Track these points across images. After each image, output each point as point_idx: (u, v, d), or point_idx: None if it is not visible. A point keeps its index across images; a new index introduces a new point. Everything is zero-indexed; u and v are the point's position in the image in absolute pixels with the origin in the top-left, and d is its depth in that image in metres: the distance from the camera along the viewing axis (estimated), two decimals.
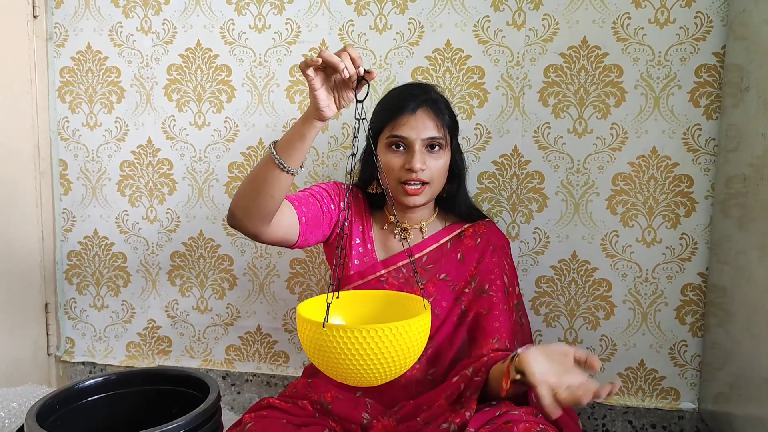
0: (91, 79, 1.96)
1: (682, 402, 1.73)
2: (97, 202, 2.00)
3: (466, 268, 1.42)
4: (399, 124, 1.34)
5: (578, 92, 1.68)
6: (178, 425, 0.87)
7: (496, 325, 1.35)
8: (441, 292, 1.40)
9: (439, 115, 1.36)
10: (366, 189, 1.50)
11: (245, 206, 1.21)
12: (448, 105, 1.42)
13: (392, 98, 1.41)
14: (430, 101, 1.36)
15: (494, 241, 1.45)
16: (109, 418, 1.04)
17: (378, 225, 1.48)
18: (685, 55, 1.61)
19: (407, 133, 1.34)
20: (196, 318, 1.99)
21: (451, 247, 1.44)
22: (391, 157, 1.36)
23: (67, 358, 2.08)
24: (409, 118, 1.34)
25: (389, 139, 1.36)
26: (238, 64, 1.85)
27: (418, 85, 1.43)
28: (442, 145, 1.36)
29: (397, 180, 1.36)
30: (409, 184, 1.34)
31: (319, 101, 1.07)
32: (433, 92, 1.40)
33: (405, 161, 1.34)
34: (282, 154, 1.15)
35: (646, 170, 1.67)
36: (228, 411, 1.94)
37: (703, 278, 1.68)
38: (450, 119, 1.40)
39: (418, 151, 1.33)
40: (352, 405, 1.31)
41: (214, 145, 1.90)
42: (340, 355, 0.96)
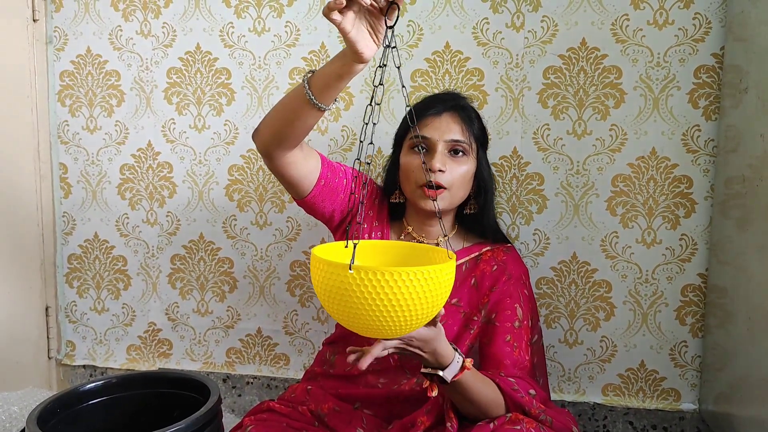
0: (91, 83, 1.96)
1: (682, 403, 1.73)
2: (98, 206, 2.00)
3: (479, 295, 1.36)
4: (423, 125, 1.32)
5: (577, 93, 1.68)
6: (178, 428, 0.87)
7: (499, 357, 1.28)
8: (452, 318, 1.33)
9: (466, 121, 1.33)
10: (389, 196, 1.45)
11: (271, 127, 1.19)
12: (479, 117, 1.39)
13: (420, 102, 1.39)
14: (458, 107, 1.34)
15: (511, 269, 1.38)
16: (110, 421, 1.04)
17: (395, 235, 1.44)
18: (684, 56, 1.61)
19: (429, 133, 1.31)
20: (196, 321, 1.99)
21: (466, 271, 1.38)
22: (412, 158, 1.33)
23: (68, 361, 2.08)
24: (434, 119, 1.32)
25: (411, 140, 1.34)
26: (237, 67, 1.85)
27: (450, 93, 1.42)
28: (466, 150, 1.32)
29: (415, 183, 1.32)
30: (428, 187, 1.29)
31: (356, 44, 1.00)
32: (464, 100, 1.38)
33: (425, 162, 1.30)
34: (315, 90, 1.09)
35: (645, 171, 1.67)
36: (229, 414, 1.94)
37: (703, 279, 1.68)
38: (479, 130, 1.37)
39: (439, 152, 1.30)
40: (347, 419, 1.29)
41: (214, 148, 1.90)
42: (366, 301, 0.89)
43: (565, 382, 1.78)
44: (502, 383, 1.18)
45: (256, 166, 1.87)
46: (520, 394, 1.18)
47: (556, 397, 1.78)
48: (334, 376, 1.38)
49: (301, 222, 1.87)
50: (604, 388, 1.77)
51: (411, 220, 1.41)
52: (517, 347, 1.29)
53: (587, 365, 1.77)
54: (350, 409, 1.31)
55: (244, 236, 1.91)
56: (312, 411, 1.32)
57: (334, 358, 1.40)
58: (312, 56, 1.80)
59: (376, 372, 1.34)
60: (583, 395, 1.78)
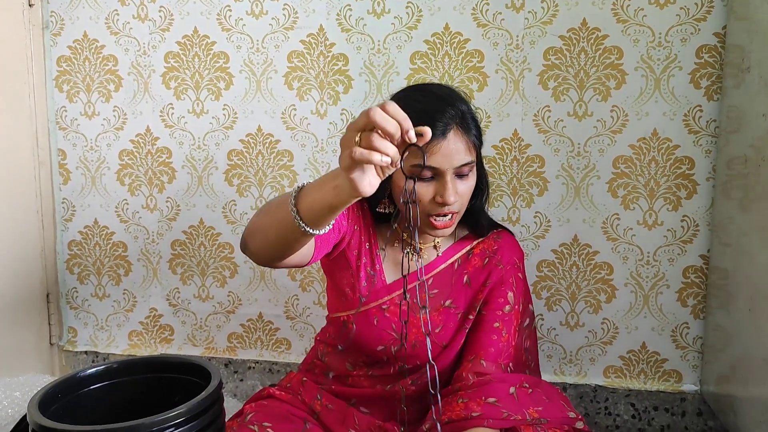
0: (89, 68, 1.95)
1: (684, 384, 1.73)
2: (97, 192, 2.00)
3: (473, 292, 1.30)
4: (429, 152, 1.14)
5: (578, 75, 1.66)
6: (179, 412, 0.87)
7: (483, 342, 1.24)
8: (447, 320, 1.28)
9: (468, 133, 1.17)
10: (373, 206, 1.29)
11: (262, 246, 1.04)
12: (474, 115, 1.22)
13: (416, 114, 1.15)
14: (458, 117, 1.16)
15: (502, 256, 1.32)
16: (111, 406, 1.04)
17: (388, 241, 1.32)
18: (686, 35, 1.60)
19: (438, 162, 1.14)
20: (197, 306, 1.99)
21: (458, 268, 1.32)
22: (418, 187, 1.16)
23: (70, 347, 2.09)
24: (441, 144, 1.13)
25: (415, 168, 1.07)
26: (235, 51, 1.84)
27: (444, 97, 1.19)
28: (472, 167, 1.20)
29: (424, 213, 1.19)
30: (438, 218, 1.18)
31: (358, 183, 0.84)
32: (461, 103, 1.19)
33: (435, 192, 1.16)
34: (305, 218, 0.94)
35: (646, 153, 1.66)
36: (231, 398, 1.94)
37: (704, 260, 1.67)
38: (476, 132, 1.21)
39: (449, 181, 1.15)
40: (340, 418, 1.27)
41: (212, 132, 1.89)
42: None
43: (567, 365, 1.79)
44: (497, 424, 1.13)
45: (255, 150, 1.86)
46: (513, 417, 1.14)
47: (558, 379, 1.78)
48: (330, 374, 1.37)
49: None
50: (606, 370, 1.77)
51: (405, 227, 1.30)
52: (505, 333, 1.26)
53: (588, 347, 1.77)
54: (344, 407, 1.29)
55: (244, 221, 1.91)
56: (306, 403, 1.32)
57: (325, 358, 1.37)
58: (310, 39, 1.78)
59: (374, 377, 1.31)
60: (584, 377, 1.78)
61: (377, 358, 1.29)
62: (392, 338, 1.27)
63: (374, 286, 1.28)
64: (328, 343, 1.36)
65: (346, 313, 1.30)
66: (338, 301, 1.32)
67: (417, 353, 1.27)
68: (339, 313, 1.32)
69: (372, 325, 1.27)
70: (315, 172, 1.83)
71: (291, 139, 1.84)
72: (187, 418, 0.88)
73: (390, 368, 1.29)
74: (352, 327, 1.27)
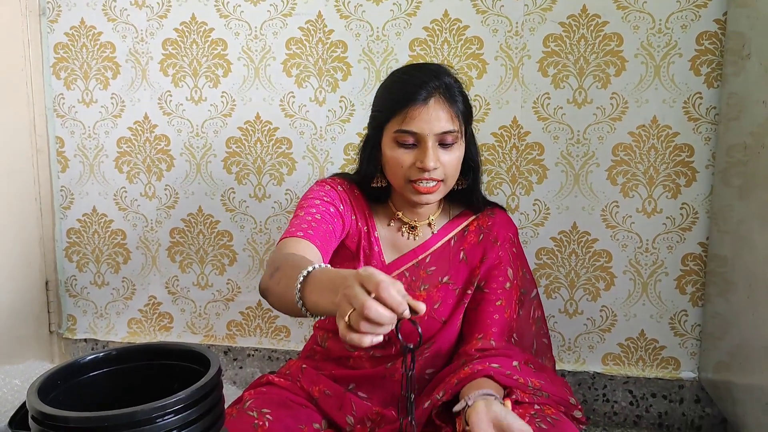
0: (86, 55, 1.94)
1: (682, 371, 1.74)
2: (95, 179, 1.99)
3: (468, 268, 1.31)
4: (409, 117, 1.18)
5: (578, 62, 1.66)
6: (178, 399, 0.87)
7: (488, 320, 1.27)
8: (445, 296, 1.30)
9: (453, 103, 1.20)
10: (368, 183, 1.31)
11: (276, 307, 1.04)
12: (462, 89, 1.25)
13: (399, 84, 1.23)
14: (442, 88, 1.19)
15: (497, 232, 1.33)
16: (110, 393, 1.04)
17: (383, 222, 1.34)
18: (686, 22, 1.59)
19: (418, 127, 1.18)
20: (196, 294, 1.99)
21: (454, 245, 1.33)
22: (400, 153, 1.21)
23: (69, 335, 2.09)
24: (420, 109, 1.18)
25: (397, 134, 1.20)
26: (233, 38, 1.83)
27: (428, 68, 1.24)
28: (456, 138, 1.21)
29: (405, 179, 1.22)
30: (420, 183, 1.20)
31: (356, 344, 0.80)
32: (446, 75, 1.22)
33: (416, 158, 1.19)
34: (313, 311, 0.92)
35: (646, 140, 1.66)
36: (230, 386, 1.95)
37: (703, 248, 1.67)
38: (464, 106, 1.23)
39: (430, 147, 1.18)
40: (337, 404, 1.27)
41: (211, 120, 1.88)
42: None
43: (565, 352, 1.79)
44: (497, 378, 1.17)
45: (254, 138, 1.86)
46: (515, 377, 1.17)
47: (556, 367, 1.77)
48: (330, 359, 1.37)
49: (300, 194, 1.86)
50: (604, 358, 1.77)
51: (399, 204, 1.32)
52: (508, 309, 1.29)
53: (587, 335, 1.77)
54: (341, 393, 1.29)
55: (243, 209, 1.91)
56: (305, 390, 1.32)
57: (326, 343, 1.37)
58: (309, 26, 1.77)
59: (375, 358, 1.32)
60: (583, 365, 1.78)
61: None
62: None
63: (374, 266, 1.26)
64: (328, 329, 1.37)
65: None
66: None
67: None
68: None
69: None
70: (314, 159, 1.83)
71: (290, 126, 1.83)
72: (187, 405, 0.88)
73: (392, 348, 1.30)
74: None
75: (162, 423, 0.86)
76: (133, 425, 0.85)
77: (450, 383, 1.18)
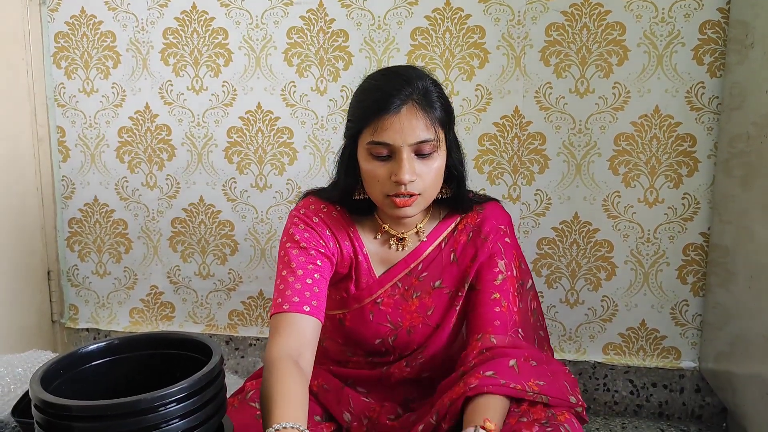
0: (86, 44, 1.93)
1: (682, 361, 1.74)
2: (96, 169, 1.99)
3: (459, 269, 1.26)
4: (381, 128, 1.11)
5: (580, 51, 1.65)
6: (180, 388, 0.87)
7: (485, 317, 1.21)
8: (438, 302, 1.26)
9: (429, 110, 1.12)
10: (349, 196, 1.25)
11: None
12: (441, 93, 1.17)
13: (370, 92, 1.16)
14: (416, 94, 1.12)
15: (486, 228, 1.26)
16: (113, 382, 1.04)
17: (369, 234, 1.27)
18: (689, 11, 1.58)
19: (391, 138, 1.11)
20: (198, 283, 1.99)
21: (445, 247, 1.27)
22: (375, 166, 1.14)
23: (71, 324, 2.10)
24: (393, 119, 1.10)
25: (370, 146, 1.13)
26: (234, 27, 1.82)
27: (401, 74, 1.16)
28: (434, 147, 1.14)
29: (382, 193, 1.15)
30: (398, 196, 1.13)
31: None
32: (420, 81, 1.14)
33: (391, 171, 1.12)
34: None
35: (648, 130, 1.65)
36: (232, 375, 1.95)
37: (705, 238, 1.67)
38: (442, 112, 1.15)
39: (405, 159, 1.11)
40: (335, 399, 1.27)
41: (212, 110, 1.88)
42: None
43: (566, 342, 1.79)
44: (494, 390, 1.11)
45: (255, 128, 1.85)
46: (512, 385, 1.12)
47: (557, 356, 1.78)
48: (328, 358, 1.37)
49: (301, 184, 1.86)
50: (605, 347, 1.78)
51: (384, 217, 1.26)
52: (505, 302, 1.22)
53: (588, 325, 1.77)
54: (339, 387, 1.29)
55: (244, 199, 1.91)
56: None
57: (324, 343, 1.35)
58: (310, 15, 1.77)
59: (373, 363, 1.31)
60: (583, 354, 1.79)
61: (375, 350, 1.29)
62: (388, 330, 1.26)
63: (366, 283, 1.27)
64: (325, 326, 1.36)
65: (341, 311, 1.28)
66: (332, 302, 1.29)
67: (412, 338, 1.27)
68: (334, 311, 1.30)
69: (368, 321, 1.26)
70: (315, 149, 1.83)
71: (291, 116, 1.83)
72: (189, 394, 0.89)
73: (390, 356, 1.30)
74: (348, 324, 1.28)
75: (164, 411, 0.86)
76: (136, 414, 0.85)
77: (443, 404, 1.14)
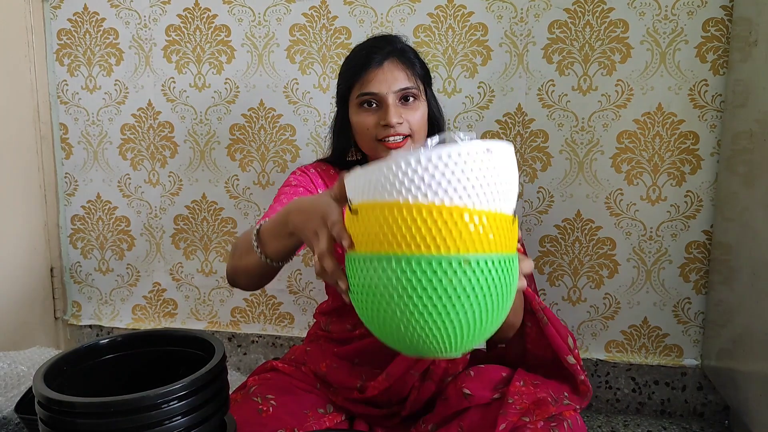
0: (89, 41, 1.93)
1: (685, 359, 1.74)
2: (99, 166, 1.99)
3: None
4: (367, 80, 1.26)
5: (583, 48, 1.65)
6: (183, 384, 0.88)
7: None
8: None
9: (408, 64, 1.28)
10: (343, 157, 1.38)
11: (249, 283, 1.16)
12: (417, 54, 1.33)
13: (356, 55, 1.32)
14: (396, 52, 1.28)
15: None
16: (116, 379, 1.05)
17: None
18: (693, 8, 1.58)
19: (377, 87, 1.25)
20: (201, 280, 1.99)
21: None
22: (365, 116, 1.28)
23: (74, 321, 2.10)
24: (377, 72, 1.26)
25: (359, 98, 1.28)
26: (237, 24, 1.82)
27: (383, 38, 1.33)
28: (416, 95, 1.28)
29: (374, 138, 1.28)
30: (388, 139, 1.26)
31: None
32: (399, 42, 1.31)
33: (380, 118, 1.26)
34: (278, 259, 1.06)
35: (651, 127, 1.65)
36: (234, 372, 1.95)
37: (708, 236, 1.67)
38: (421, 68, 1.32)
39: (391, 105, 1.25)
40: (347, 373, 1.29)
41: (214, 107, 1.88)
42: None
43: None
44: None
45: (258, 125, 1.86)
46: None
47: None
48: (333, 340, 1.38)
49: None
50: (607, 345, 1.78)
51: None
52: None
53: (590, 322, 1.77)
54: (349, 366, 1.31)
55: (247, 196, 1.91)
56: (313, 372, 1.33)
57: (329, 327, 1.38)
58: (312, 12, 1.77)
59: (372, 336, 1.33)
60: (585, 352, 1.79)
61: None
62: None
63: None
64: (327, 312, 1.37)
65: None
66: None
67: None
68: None
69: None
70: (317, 146, 1.83)
71: (293, 113, 1.83)
72: (192, 391, 0.89)
73: None
74: None
75: (167, 408, 0.87)
76: (139, 411, 0.86)
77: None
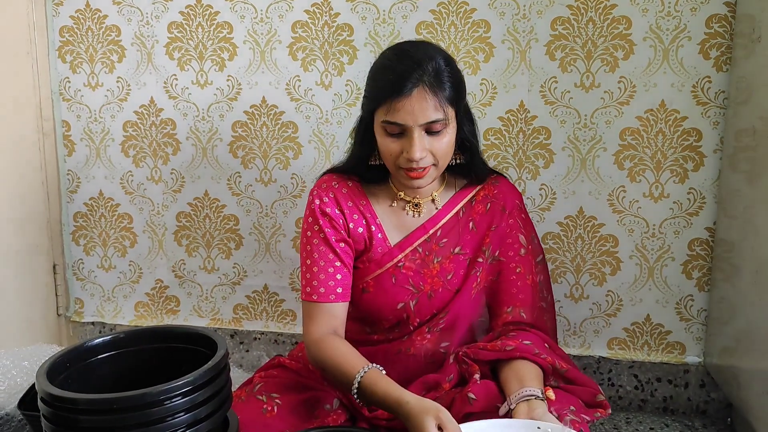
0: (91, 38, 1.93)
1: (687, 356, 1.74)
2: (101, 163, 1.99)
3: (478, 236, 1.32)
4: (394, 109, 1.18)
5: (586, 45, 1.64)
6: (186, 381, 0.88)
7: (513, 291, 1.30)
8: (457, 267, 1.32)
9: (438, 91, 1.18)
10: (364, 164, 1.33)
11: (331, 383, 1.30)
12: (452, 71, 1.22)
13: (385, 71, 1.22)
14: (426, 76, 1.17)
15: (504, 201, 1.34)
16: (118, 376, 1.05)
17: (384, 202, 1.35)
18: (696, 5, 1.57)
19: (403, 119, 1.18)
20: (203, 277, 2.00)
21: (463, 216, 1.34)
22: (388, 142, 1.22)
23: (77, 318, 2.10)
24: (404, 102, 1.17)
25: (384, 124, 1.21)
26: (239, 21, 1.82)
27: (413, 55, 1.20)
28: (444, 124, 1.20)
29: (396, 165, 1.24)
30: (411, 170, 1.22)
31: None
32: (430, 63, 1.19)
33: (403, 147, 1.21)
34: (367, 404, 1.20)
35: (654, 124, 1.65)
36: (236, 369, 1.96)
37: (710, 233, 1.67)
38: (452, 90, 1.21)
39: (416, 138, 1.18)
40: None
41: (217, 104, 1.88)
42: None
43: (571, 336, 1.79)
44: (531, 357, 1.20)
45: (260, 122, 1.85)
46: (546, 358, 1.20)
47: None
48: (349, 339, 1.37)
49: (305, 178, 1.86)
50: (610, 342, 1.78)
51: (399, 185, 1.33)
52: (529, 275, 1.32)
53: (593, 319, 1.77)
54: None
55: (249, 193, 1.91)
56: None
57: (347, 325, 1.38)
58: (315, 9, 1.76)
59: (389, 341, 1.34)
60: (588, 349, 1.79)
61: (398, 317, 1.32)
62: (410, 293, 1.31)
63: (381, 252, 1.32)
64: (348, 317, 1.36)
65: (364, 280, 1.33)
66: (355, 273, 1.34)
67: (433, 303, 1.31)
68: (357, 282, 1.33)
69: (391, 286, 1.31)
70: (319, 144, 1.83)
71: (295, 110, 1.83)
72: (194, 388, 0.89)
73: (410, 327, 1.32)
74: (372, 291, 1.32)
75: (170, 405, 0.87)
76: (141, 407, 0.86)
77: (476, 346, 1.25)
